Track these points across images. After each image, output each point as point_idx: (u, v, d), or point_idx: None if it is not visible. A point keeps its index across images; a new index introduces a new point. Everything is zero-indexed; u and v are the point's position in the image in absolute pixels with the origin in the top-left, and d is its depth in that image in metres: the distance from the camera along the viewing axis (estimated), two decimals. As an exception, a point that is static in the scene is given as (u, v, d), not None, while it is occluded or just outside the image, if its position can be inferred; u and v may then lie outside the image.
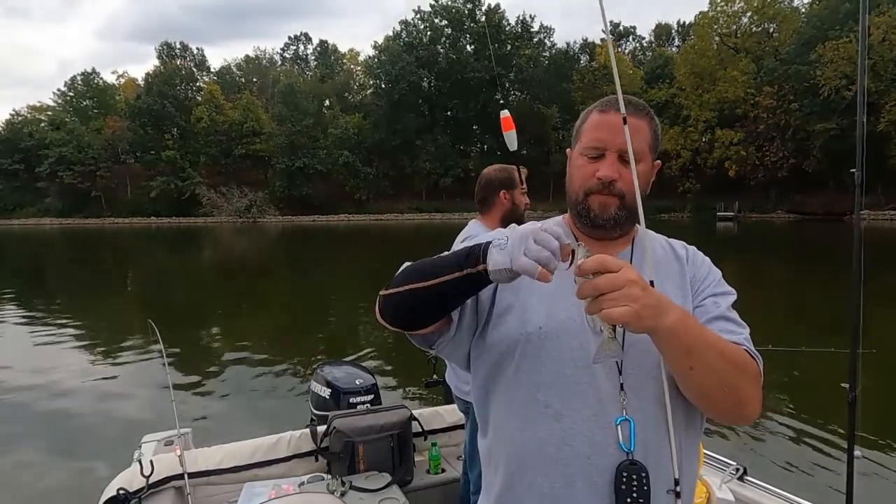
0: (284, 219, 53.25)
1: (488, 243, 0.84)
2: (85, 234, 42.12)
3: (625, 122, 0.94)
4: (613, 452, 0.92)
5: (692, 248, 1.11)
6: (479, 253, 0.85)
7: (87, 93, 62.57)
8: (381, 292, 0.96)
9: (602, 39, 62.84)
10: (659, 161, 1.10)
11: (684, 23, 66.02)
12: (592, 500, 0.92)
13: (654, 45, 69.27)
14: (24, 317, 10.87)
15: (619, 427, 0.93)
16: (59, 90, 63.31)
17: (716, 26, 48.89)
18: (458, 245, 1.21)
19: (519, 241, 0.80)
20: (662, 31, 69.75)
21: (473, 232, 2.19)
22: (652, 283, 0.87)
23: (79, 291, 14.99)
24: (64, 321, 10.17)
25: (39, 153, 54.80)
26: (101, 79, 64.23)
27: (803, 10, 46.60)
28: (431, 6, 56.28)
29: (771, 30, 47.96)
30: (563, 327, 0.97)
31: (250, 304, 12.36)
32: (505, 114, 2.24)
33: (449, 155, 54.21)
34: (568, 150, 1.10)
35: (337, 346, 8.26)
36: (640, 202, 0.98)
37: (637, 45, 69.74)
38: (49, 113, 60.86)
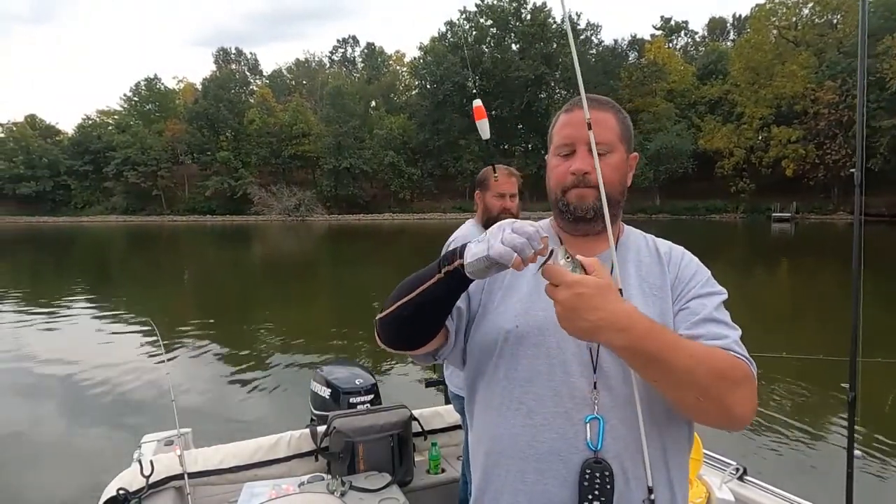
0: (331, 217, 54.39)
1: (465, 244, 0.88)
2: (147, 230, 44.16)
3: (589, 127, 0.98)
4: (582, 449, 0.94)
5: (679, 249, 1.10)
6: (455, 252, 0.88)
7: (149, 97, 65.85)
8: (377, 318, 0.99)
9: (652, 35, 61.16)
10: (636, 153, 1.10)
11: (740, 16, 63.39)
12: (563, 494, 0.94)
13: (707, 39, 66.74)
14: (61, 307, 11.35)
15: (587, 425, 0.94)
16: (125, 95, 67.00)
17: (773, 19, 46.56)
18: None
19: (497, 230, 0.83)
20: (716, 25, 67.05)
21: (462, 231, 2.23)
22: (620, 290, 0.90)
23: (118, 285, 15.56)
24: (87, 312, 10.64)
25: (107, 154, 58.07)
26: (163, 84, 67.50)
27: (871, -1, 43.83)
28: (477, 6, 56.19)
29: (834, 21, 45.32)
30: (539, 326, 0.99)
31: (274, 303, 12.43)
32: (477, 103, 2.28)
33: (493, 155, 53.30)
34: (547, 156, 1.13)
35: (342, 345, 8.18)
36: (604, 197, 0.98)
37: (689, 39, 67.35)
38: (116, 117, 64.34)
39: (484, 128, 2.28)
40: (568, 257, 0.84)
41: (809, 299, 11.69)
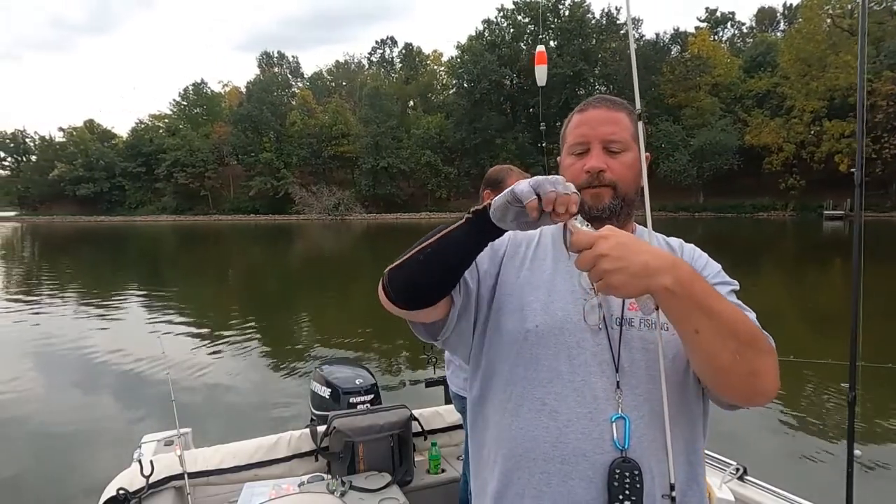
0: (370, 216, 55.13)
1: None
2: (195, 229, 45.73)
3: (639, 118, 0.99)
4: (608, 449, 0.92)
5: (689, 245, 1.11)
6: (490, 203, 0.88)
7: (197, 101, 68.45)
8: (387, 268, 0.96)
9: (696, 28, 59.26)
10: (648, 154, 1.09)
11: (790, 5, 60.68)
12: (589, 496, 0.92)
13: (755, 30, 64.17)
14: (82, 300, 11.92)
15: (613, 424, 0.93)
16: (174, 100, 69.95)
17: (827, 7, 44.33)
18: None
19: (532, 179, 0.82)
20: (765, 16, 64.38)
21: None
22: None
23: (158, 282, 15.89)
24: (108, 308, 11.03)
25: (158, 157, 60.71)
26: (209, 88, 70.08)
27: (935, -17, 41.24)
28: (514, 3, 55.80)
29: (895, 7, 42.85)
30: (559, 325, 0.98)
31: (304, 302, 12.47)
32: (540, 48, 2.33)
33: (529, 153, 53.52)
34: (558, 157, 1.12)
35: (345, 344, 8.06)
36: (647, 196, 1.00)
37: (736, 31, 64.91)
38: (166, 120, 67.24)
39: (541, 74, 2.30)
40: (587, 224, 0.84)
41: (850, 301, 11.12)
